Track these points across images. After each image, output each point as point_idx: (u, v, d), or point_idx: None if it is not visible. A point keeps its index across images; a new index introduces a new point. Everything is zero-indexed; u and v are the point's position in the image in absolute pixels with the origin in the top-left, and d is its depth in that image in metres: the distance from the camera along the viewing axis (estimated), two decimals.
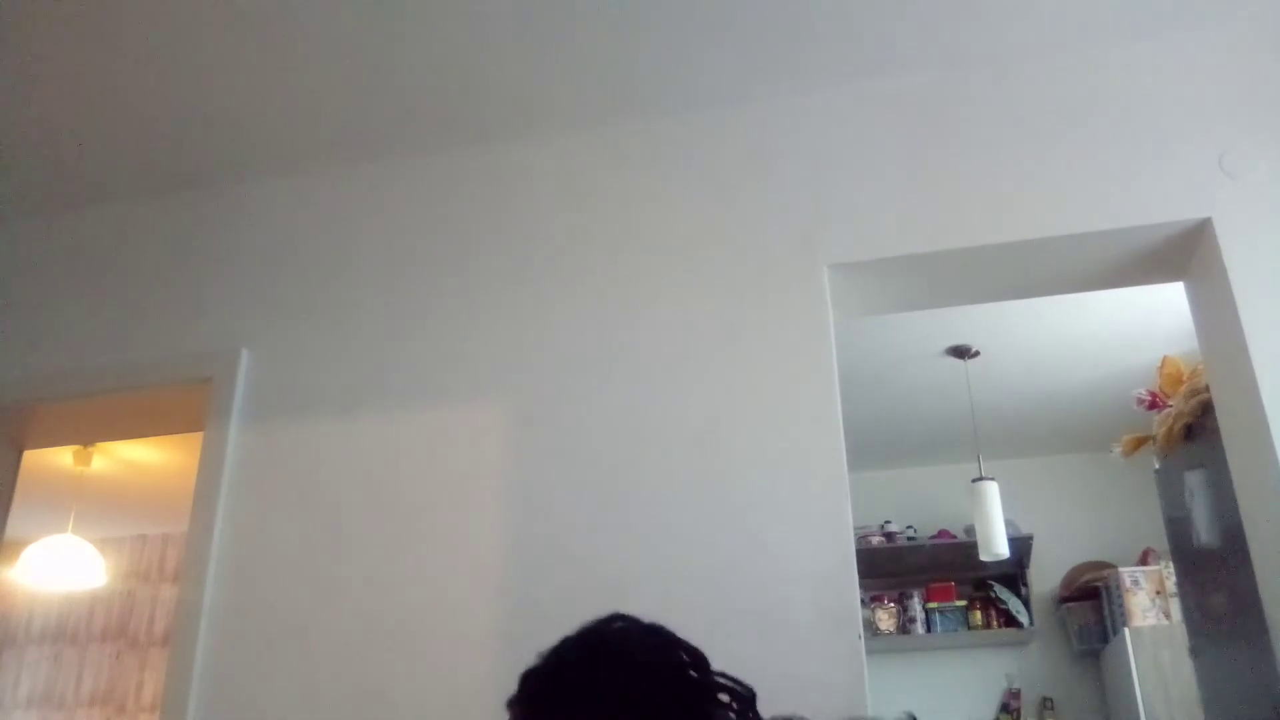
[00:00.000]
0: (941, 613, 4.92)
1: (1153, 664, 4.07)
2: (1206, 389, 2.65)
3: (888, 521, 4.98)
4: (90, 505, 4.84)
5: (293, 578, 2.43)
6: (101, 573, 4.69)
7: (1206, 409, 2.72)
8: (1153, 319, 3.63)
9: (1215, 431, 2.49)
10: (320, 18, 2.39)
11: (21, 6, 2.34)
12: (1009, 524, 4.17)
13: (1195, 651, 3.23)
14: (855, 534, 2.20)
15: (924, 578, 4.98)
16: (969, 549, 4.27)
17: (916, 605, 4.95)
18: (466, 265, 2.67)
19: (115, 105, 2.65)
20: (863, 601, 3.53)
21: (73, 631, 5.68)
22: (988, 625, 4.86)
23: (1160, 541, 3.81)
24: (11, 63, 2.51)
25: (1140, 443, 3.41)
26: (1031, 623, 4.75)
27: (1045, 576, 4.83)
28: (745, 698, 1.19)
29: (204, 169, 2.89)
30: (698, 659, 1.21)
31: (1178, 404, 3.03)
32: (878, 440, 4.70)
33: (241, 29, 2.42)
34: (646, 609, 2.24)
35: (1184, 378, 3.06)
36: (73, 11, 2.35)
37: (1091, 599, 4.68)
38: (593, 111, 2.68)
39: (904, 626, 4.92)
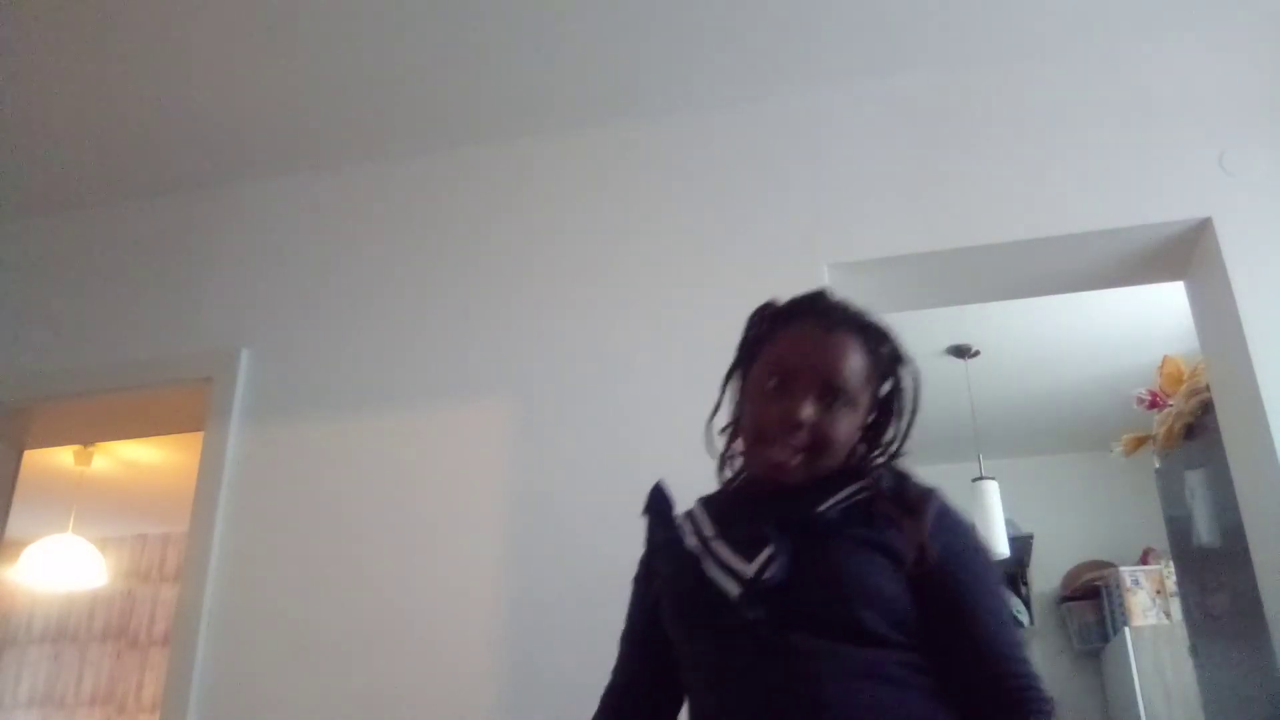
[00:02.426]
0: None
1: (1153, 663, 4.07)
2: (1207, 388, 2.65)
3: None
4: (91, 505, 4.84)
5: (293, 578, 2.43)
6: (102, 572, 4.68)
7: (1207, 408, 2.72)
8: (1153, 318, 3.63)
9: (1215, 431, 2.49)
10: (320, 18, 2.39)
11: (21, 8, 2.34)
12: (1009, 523, 4.16)
13: (1196, 651, 3.23)
14: None
15: None
16: None
17: None
18: (467, 265, 2.67)
19: (115, 106, 2.65)
20: None
21: (73, 631, 5.68)
22: None
23: (1161, 541, 3.80)
24: (11, 64, 2.51)
25: (1141, 442, 3.41)
26: (1032, 622, 4.74)
27: (1045, 576, 4.82)
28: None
29: (204, 169, 2.89)
30: None
31: (1178, 403, 3.03)
32: None
33: (241, 29, 2.42)
34: None
35: (1184, 377, 3.05)
36: (73, 13, 2.35)
37: (1092, 598, 4.67)
38: (593, 112, 2.68)
39: None
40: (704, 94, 2.63)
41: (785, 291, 1.37)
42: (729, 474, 1.40)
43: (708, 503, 1.39)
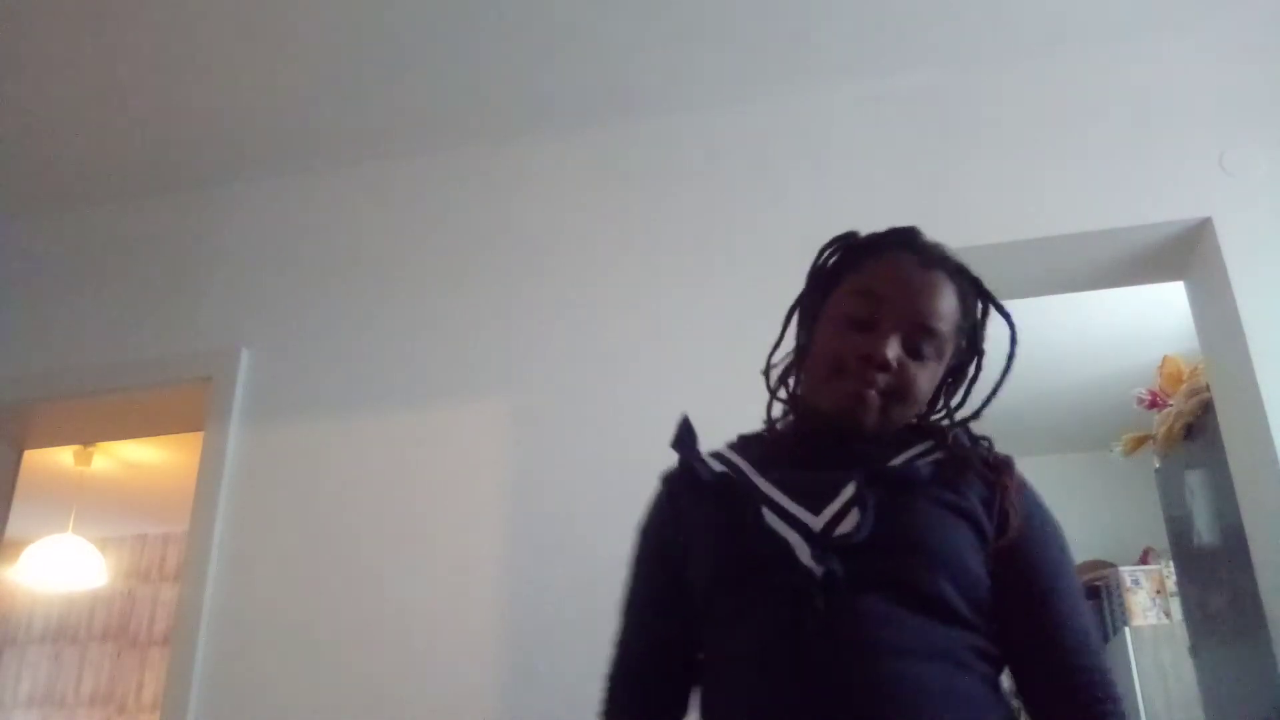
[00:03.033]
0: None
1: (1153, 663, 4.06)
2: (1207, 388, 2.65)
3: None
4: (91, 505, 4.83)
5: (293, 577, 2.43)
6: (102, 572, 4.68)
7: (1207, 408, 2.72)
8: (1153, 318, 3.62)
9: (1215, 431, 2.49)
10: (320, 18, 2.39)
11: (22, 7, 2.34)
12: None
13: (1195, 651, 3.23)
14: None
15: None
16: None
17: None
18: (466, 265, 2.67)
19: (116, 105, 2.65)
20: None
21: (73, 631, 5.67)
22: None
23: (1160, 540, 3.80)
24: (12, 62, 2.51)
25: (1140, 442, 3.41)
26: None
27: None
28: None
29: (204, 169, 2.89)
30: None
31: (1178, 403, 3.03)
32: None
33: (241, 29, 2.42)
34: None
35: (1184, 377, 3.05)
36: (73, 11, 2.35)
37: (1092, 598, 4.66)
38: (593, 112, 2.68)
39: None
40: (704, 94, 2.62)
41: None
42: (776, 415, 1.25)
43: (744, 445, 1.23)
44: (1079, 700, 1.07)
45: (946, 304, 1.16)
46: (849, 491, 1.07)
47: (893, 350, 1.11)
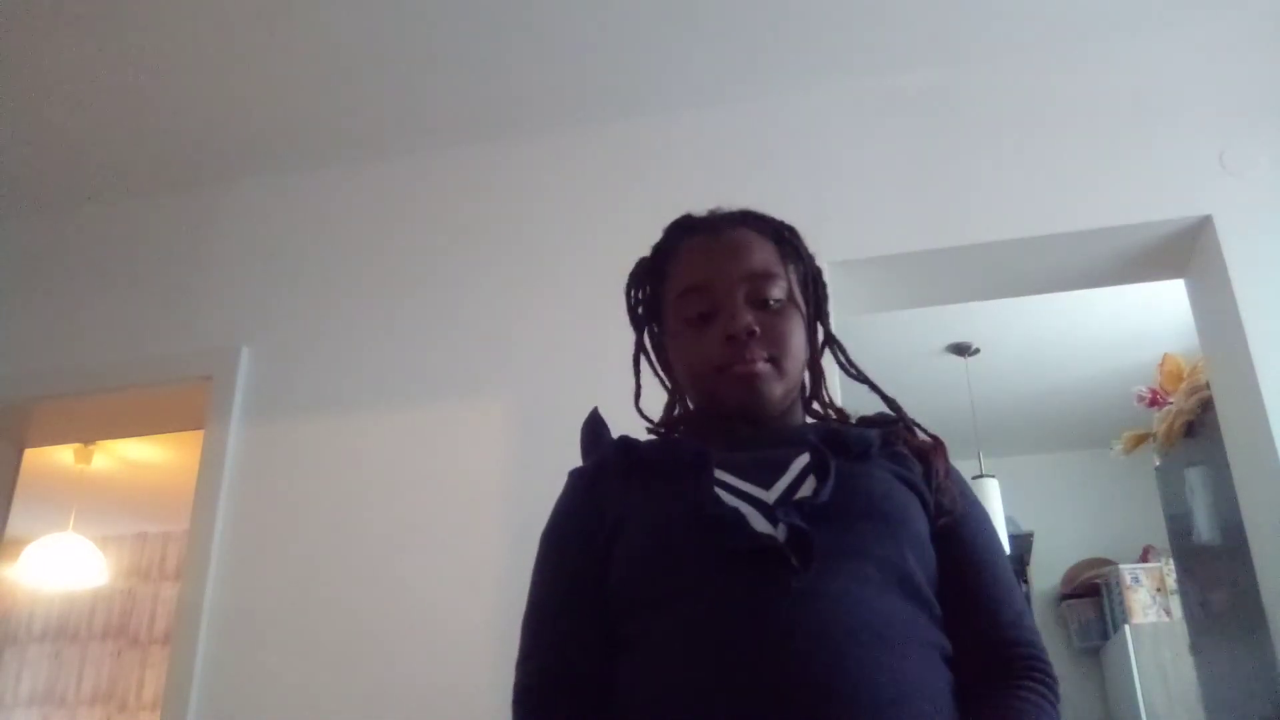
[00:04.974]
0: None
1: (1153, 661, 4.07)
2: (1207, 386, 2.64)
3: None
4: (91, 503, 4.84)
5: (293, 576, 2.43)
6: (102, 571, 4.69)
7: (1207, 406, 2.72)
8: (1153, 316, 3.63)
9: (1215, 428, 2.49)
10: (321, 17, 2.39)
11: (24, 6, 2.34)
12: (1009, 521, 4.17)
13: (1196, 648, 3.23)
14: None
15: None
16: None
17: None
18: (467, 264, 2.66)
19: (116, 104, 2.65)
20: None
21: (74, 630, 5.68)
22: None
23: (1161, 538, 3.80)
24: (13, 62, 2.51)
25: (1141, 440, 3.41)
26: (1032, 619, 4.74)
27: (1046, 573, 4.82)
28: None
29: (205, 169, 2.89)
30: None
31: (1178, 401, 3.02)
32: None
33: (242, 28, 2.42)
34: None
35: (1184, 375, 3.05)
36: (75, 10, 2.35)
37: (1092, 596, 4.68)
38: (592, 111, 2.68)
39: None
40: (703, 92, 2.62)
41: None
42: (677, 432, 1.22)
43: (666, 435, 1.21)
44: (1020, 673, 1.00)
45: (759, 247, 1.17)
46: (801, 463, 1.02)
47: (745, 315, 1.08)
